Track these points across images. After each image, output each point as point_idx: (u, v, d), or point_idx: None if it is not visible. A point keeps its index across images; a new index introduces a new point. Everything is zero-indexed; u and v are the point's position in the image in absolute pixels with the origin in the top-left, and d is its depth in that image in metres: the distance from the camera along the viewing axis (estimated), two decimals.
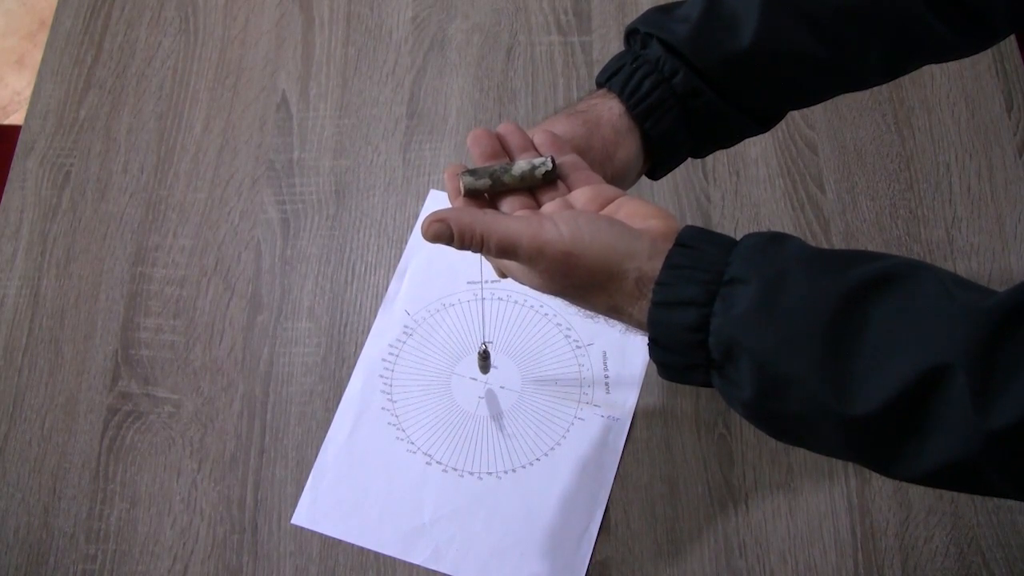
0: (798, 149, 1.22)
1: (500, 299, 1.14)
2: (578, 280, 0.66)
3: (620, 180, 0.79)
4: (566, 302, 0.70)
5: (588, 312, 0.70)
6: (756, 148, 1.21)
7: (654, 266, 0.64)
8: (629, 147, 0.79)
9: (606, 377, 1.10)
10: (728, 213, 1.19)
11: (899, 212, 1.18)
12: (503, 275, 0.77)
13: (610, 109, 0.79)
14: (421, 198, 1.21)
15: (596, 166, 0.77)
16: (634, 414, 1.08)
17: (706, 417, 1.08)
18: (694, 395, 1.08)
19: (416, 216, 1.20)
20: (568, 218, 0.66)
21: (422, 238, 0.70)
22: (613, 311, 0.67)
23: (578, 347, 1.12)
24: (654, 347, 0.65)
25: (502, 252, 0.66)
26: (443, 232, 0.67)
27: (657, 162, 0.82)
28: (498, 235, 0.66)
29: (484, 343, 1.02)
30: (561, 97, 1.27)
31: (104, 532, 1.05)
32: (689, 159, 0.86)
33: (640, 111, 0.78)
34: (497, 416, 1.08)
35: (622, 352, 1.11)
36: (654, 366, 1.07)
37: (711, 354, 0.62)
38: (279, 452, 1.08)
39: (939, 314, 0.57)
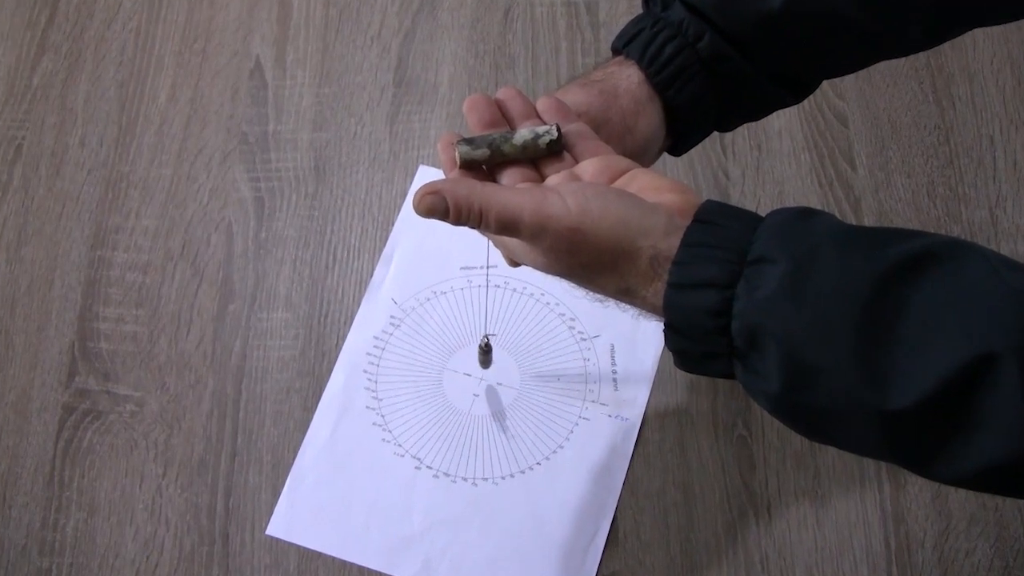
0: (826, 121, 1.21)
1: (497, 286, 1.14)
2: (586, 259, 0.66)
3: (640, 156, 0.79)
4: (572, 284, 0.70)
5: (597, 295, 0.70)
6: (780, 120, 1.21)
7: (670, 244, 0.64)
8: (650, 118, 0.79)
9: (614, 373, 1.10)
10: (749, 191, 1.18)
11: (937, 190, 1.18)
12: (514, 263, 0.76)
13: (628, 77, 0.79)
14: (410, 175, 1.21)
15: (614, 140, 0.76)
16: (645, 413, 1.08)
17: (724, 417, 1.08)
18: (711, 392, 1.08)
19: (404, 195, 1.20)
20: (575, 190, 0.66)
21: (413, 214, 0.69)
22: (625, 294, 0.67)
23: (583, 339, 1.12)
24: (670, 333, 0.65)
25: (502, 227, 0.66)
26: (437, 205, 0.67)
27: (680, 135, 0.82)
28: (498, 208, 0.66)
29: (486, 335, 1.02)
30: (564, 63, 1.26)
31: (59, 544, 1.05)
32: None
33: (662, 79, 0.78)
34: (499, 415, 1.08)
35: (632, 345, 1.11)
36: (666, 361, 1.09)
37: (733, 341, 0.62)
38: (253, 455, 1.08)
39: (986, 298, 0.57)
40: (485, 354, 1.02)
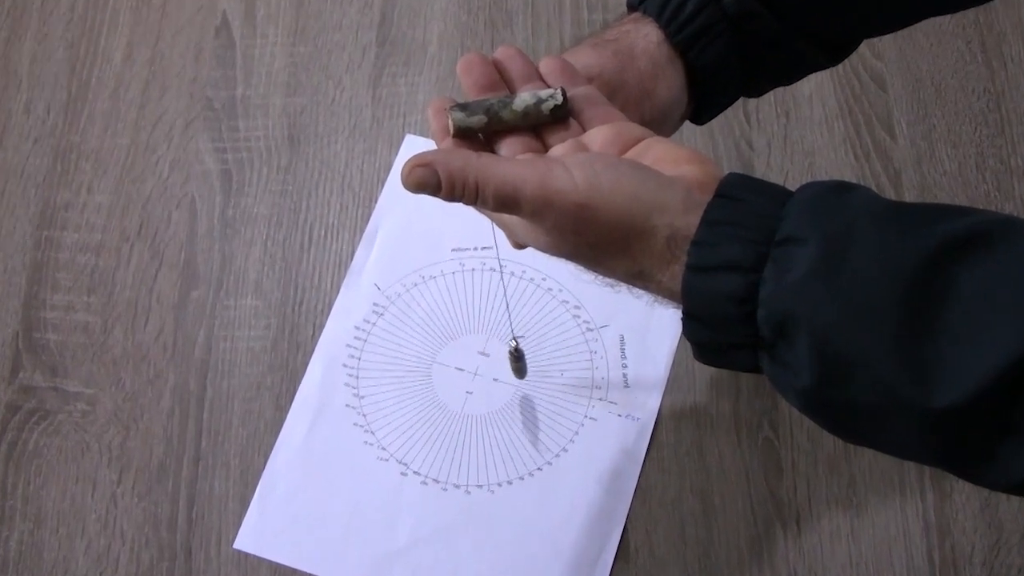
0: (862, 84, 1.21)
1: (492, 270, 1.14)
2: (594, 239, 0.66)
3: (660, 124, 0.79)
4: (579, 267, 0.70)
5: (606, 279, 0.70)
6: (810, 84, 1.21)
7: (689, 222, 0.64)
8: (670, 82, 0.79)
9: (624, 367, 1.10)
10: (776, 163, 1.19)
11: (987, 162, 1.18)
12: (519, 245, 0.76)
13: (646, 36, 0.79)
14: (395, 145, 1.21)
15: (631, 106, 0.76)
16: (659, 413, 1.08)
17: (748, 416, 1.08)
18: (734, 389, 1.09)
19: (389, 168, 1.20)
20: (582, 162, 0.66)
21: (399, 189, 0.69)
22: (638, 277, 0.67)
23: (589, 330, 1.12)
24: (689, 322, 0.65)
25: (501, 203, 0.66)
26: (428, 179, 0.67)
27: (702, 101, 0.82)
28: (496, 182, 0.65)
29: (514, 338, 1.02)
30: (568, 20, 1.26)
31: (1, 558, 1.05)
32: None
33: (683, 38, 0.78)
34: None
35: (644, 336, 1.11)
36: (684, 353, 1.08)
37: (759, 331, 0.62)
38: (219, 460, 1.08)
39: None
40: (517, 361, 1.02)
